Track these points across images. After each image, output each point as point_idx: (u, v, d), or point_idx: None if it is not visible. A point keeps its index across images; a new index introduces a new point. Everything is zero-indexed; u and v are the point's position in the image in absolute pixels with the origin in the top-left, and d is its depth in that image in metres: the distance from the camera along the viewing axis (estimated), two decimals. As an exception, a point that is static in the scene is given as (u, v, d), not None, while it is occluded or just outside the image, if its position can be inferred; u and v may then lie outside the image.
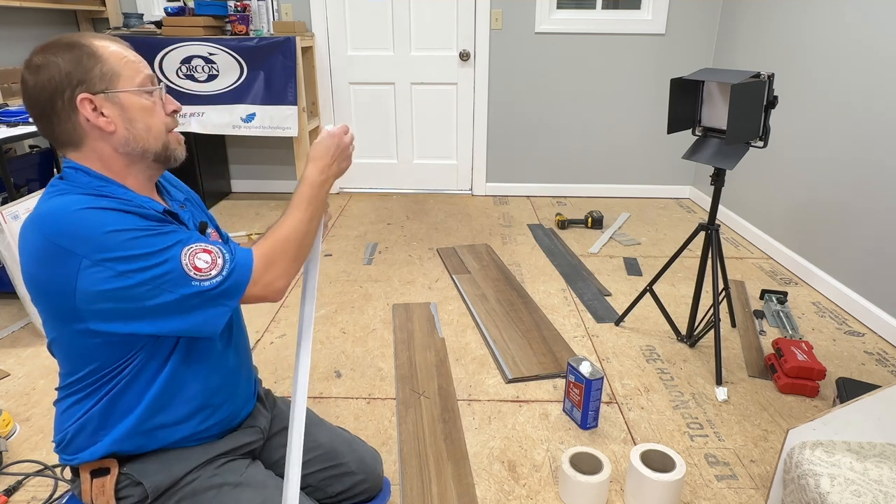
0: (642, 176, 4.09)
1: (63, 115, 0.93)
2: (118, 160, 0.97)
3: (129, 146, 0.97)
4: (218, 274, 0.91)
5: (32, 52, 0.96)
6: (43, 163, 3.18)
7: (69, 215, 0.87)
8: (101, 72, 0.94)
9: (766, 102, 1.82)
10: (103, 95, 0.94)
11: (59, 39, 0.95)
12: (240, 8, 3.47)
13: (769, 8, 3.15)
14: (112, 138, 0.95)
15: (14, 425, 1.74)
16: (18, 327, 2.32)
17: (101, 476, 1.00)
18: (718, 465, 1.64)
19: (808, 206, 2.80)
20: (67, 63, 0.92)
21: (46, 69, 0.92)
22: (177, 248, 0.90)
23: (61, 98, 0.92)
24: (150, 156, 0.99)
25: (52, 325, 0.96)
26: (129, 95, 0.96)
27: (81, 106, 0.92)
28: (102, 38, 0.97)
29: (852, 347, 2.24)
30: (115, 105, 0.95)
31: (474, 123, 4.00)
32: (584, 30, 3.75)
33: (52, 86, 0.92)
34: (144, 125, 0.98)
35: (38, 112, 0.95)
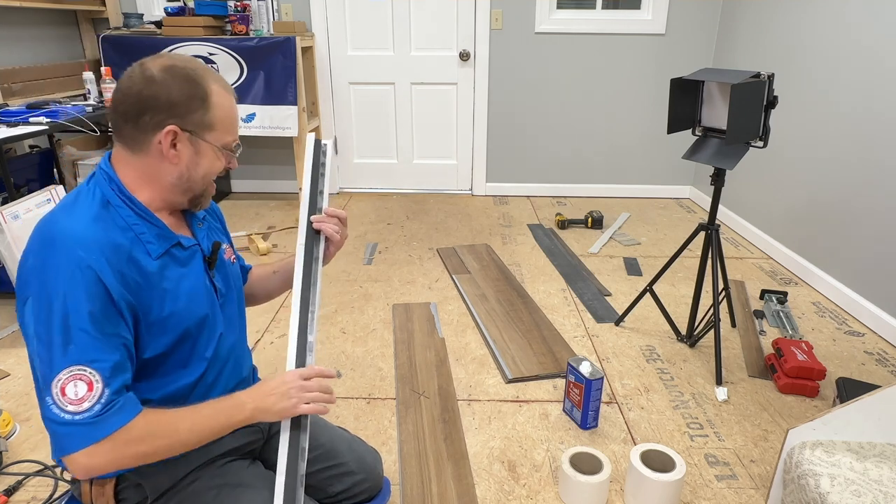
0: (642, 176, 4.09)
1: (143, 126, 0.94)
2: (158, 182, 0.98)
3: (178, 182, 0.98)
4: (77, 412, 0.85)
5: (158, 59, 0.95)
6: (43, 163, 3.18)
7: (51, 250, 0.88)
8: (202, 118, 0.96)
9: (766, 102, 1.82)
10: (189, 135, 0.95)
11: (186, 66, 0.95)
12: (240, 8, 3.47)
13: (769, 8, 3.15)
14: (168, 168, 0.97)
15: (14, 425, 1.74)
16: (18, 327, 2.32)
17: (100, 478, 1.00)
18: (718, 465, 1.64)
19: (808, 206, 2.80)
20: (178, 93, 0.93)
21: (157, 86, 0.92)
22: (63, 362, 0.85)
23: (152, 116, 0.93)
24: (188, 195, 1.01)
25: None
26: (209, 146, 0.98)
27: (165, 132, 0.93)
28: (221, 86, 0.98)
29: (852, 347, 2.24)
30: (192, 147, 0.97)
31: (474, 123, 4.00)
32: (584, 30, 3.75)
33: (152, 102, 0.92)
34: (203, 173, 1.00)
35: (123, 109, 0.94)
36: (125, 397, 0.89)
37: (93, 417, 0.85)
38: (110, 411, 0.86)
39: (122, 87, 0.95)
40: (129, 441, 0.88)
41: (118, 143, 0.98)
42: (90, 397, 0.85)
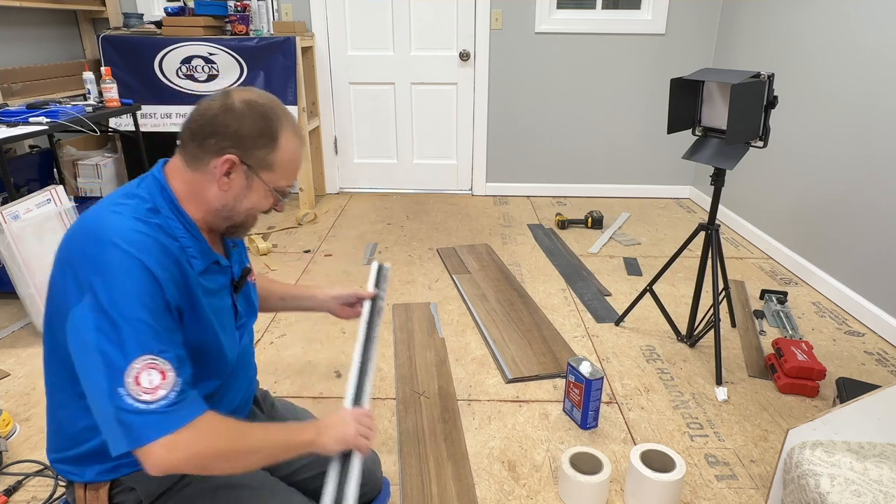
0: (642, 176, 4.09)
1: (205, 147, 0.96)
2: (204, 201, 0.99)
3: (220, 208, 1.00)
4: (153, 401, 0.84)
5: (244, 91, 0.99)
6: (43, 163, 3.19)
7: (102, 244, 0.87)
8: (264, 156, 0.97)
9: (766, 102, 1.82)
10: (245, 168, 0.97)
11: (266, 104, 0.98)
12: (240, 8, 3.47)
13: (769, 8, 3.15)
14: (216, 193, 0.98)
15: (14, 425, 1.74)
16: (18, 327, 2.32)
17: (94, 482, 1.00)
18: (718, 465, 1.64)
19: (808, 205, 2.80)
20: (250, 127, 0.95)
21: (232, 116, 0.95)
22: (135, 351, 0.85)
23: (218, 141, 0.95)
24: (227, 223, 1.03)
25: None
26: (261, 184, 0.99)
27: (223, 159, 0.95)
28: (293, 131, 1.00)
29: (852, 347, 2.24)
30: (245, 180, 0.98)
31: (474, 123, 4.00)
32: (584, 30, 3.75)
33: (222, 129, 0.95)
34: (248, 206, 1.01)
35: (195, 127, 0.97)
36: (194, 391, 0.90)
37: (168, 406, 0.84)
38: (185, 401, 0.86)
39: (201, 106, 0.99)
40: (208, 433, 0.87)
41: (179, 155, 1.00)
42: (164, 385, 0.85)
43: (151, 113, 3.42)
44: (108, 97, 2.89)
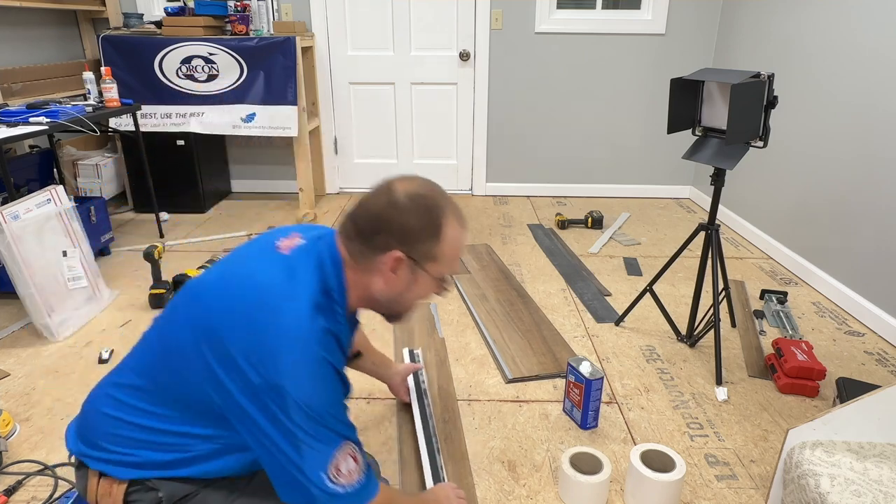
0: (642, 176, 4.09)
1: (372, 244, 0.98)
2: (367, 292, 1.01)
3: (384, 301, 1.02)
4: (349, 484, 0.95)
5: (406, 182, 0.99)
6: (43, 163, 3.19)
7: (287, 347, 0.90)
8: (429, 250, 0.98)
9: (766, 102, 1.82)
10: (411, 262, 0.99)
11: (429, 195, 0.98)
12: (240, 8, 3.47)
13: (769, 8, 3.15)
14: (381, 287, 1.00)
15: (14, 425, 1.74)
16: (18, 327, 2.32)
17: (111, 476, 1.00)
18: (718, 465, 1.64)
19: (808, 205, 2.80)
20: (414, 223, 0.96)
21: (396, 212, 0.96)
22: (334, 443, 0.94)
23: (385, 237, 0.97)
24: (387, 311, 1.05)
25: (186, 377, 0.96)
26: (427, 276, 1.01)
27: (390, 257, 0.97)
28: (456, 219, 1.00)
29: (852, 347, 2.24)
30: (411, 274, 1.00)
31: (474, 123, 4.00)
32: (584, 30, 3.75)
33: (387, 226, 0.96)
34: (412, 298, 1.04)
35: (360, 225, 0.98)
36: (369, 467, 1.00)
37: (361, 485, 0.97)
38: (370, 480, 1.00)
39: (366, 202, 0.99)
40: (382, 502, 1.02)
41: (344, 245, 1.01)
42: (357, 470, 0.96)
43: (151, 113, 3.42)
44: (108, 97, 2.89)
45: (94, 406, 1.04)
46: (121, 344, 2.21)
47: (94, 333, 2.29)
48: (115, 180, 3.64)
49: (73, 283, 2.34)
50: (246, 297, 0.93)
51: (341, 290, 0.99)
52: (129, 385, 1.02)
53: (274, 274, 0.95)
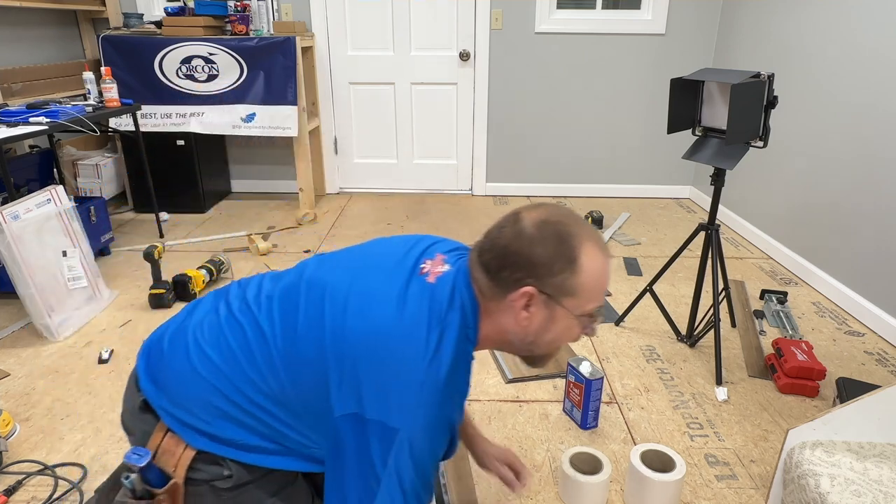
0: (642, 176, 4.09)
1: (500, 280, 0.89)
2: (500, 332, 0.93)
3: (518, 342, 0.93)
4: None
5: (534, 210, 0.90)
6: (43, 163, 3.19)
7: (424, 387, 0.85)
8: (563, 282, 0.87)
9: (766, 102, 1.82)
10: (545, 298, 0.88)
11: (560, 222, 0.88)
12: (240, 8, 3.47)
13: (769, 8, 3.15)
14: (515, 327, 0.91)
15: (14, 425, 1.74)
16: (18, 327, 2.32)
17: (177, 432, 0.95)
18: (718, 465, 1.64)
19: (808, 206, 2.80)
20: (544, 253, 0.86)
21: (524, 242, 0.87)
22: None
23: (512, 272, 0.88)
24: (523, 353, 0.97)
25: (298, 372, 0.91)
26: (565, 313, 0.90)
27: (521, 293, 0.88)
28: (595, 247, 0.89)
29: (852, 347, 2.24)
30: (546, 312, 0.90)
31: (474, 123, 4.00)
32: (584, 30, 3.75)
33: (514, 258, 0.87)
34: (551, 339, 0.93)
35: (487, 259, 0.89)
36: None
37: None
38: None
39: (491, 234, 0.91)
40: None
41: (475, 279, 0.92)
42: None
43: (151, 113, 3.42)
44: (108, 97, 2.89)
45: (189, 361, 0.97)
46: (121, 344, 2.21)
47: (94, 333, 2.29)
48: (115, 180, 3.64)
49: (73, 283, 2.34)
50: (390, 332, 0.87)
51: (476, 333, 0.91)
52: (231, 354, 0.95)
53: (420, 316, 0.88)
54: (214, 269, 2.67)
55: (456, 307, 0.90)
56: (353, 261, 1.01)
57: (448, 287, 0.92)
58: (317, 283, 0.97)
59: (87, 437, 1.72)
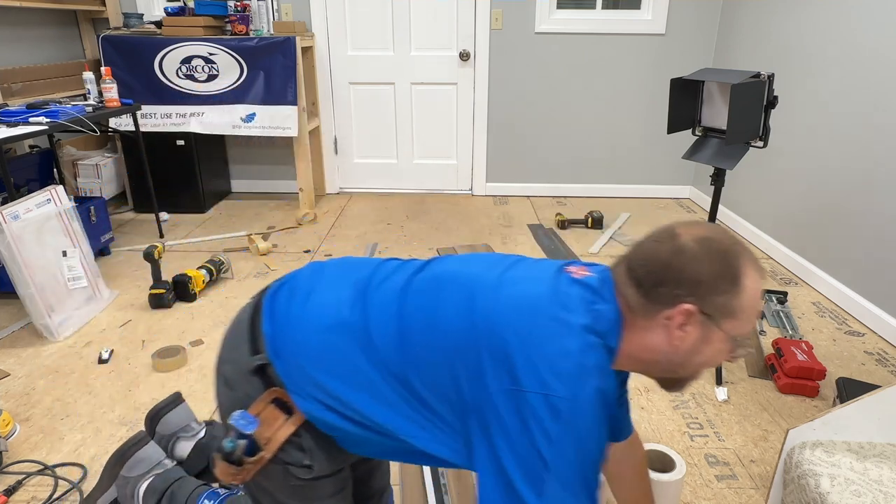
0: (642, 176, 4.09)
1: (655, 296, 0.85)
2: (643, 349, 0.88)
3: (663, 363, 0.89)
4: None
5: (693, 228, 0.87)
6: (43, 163, 3.19)
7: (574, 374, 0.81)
8: (726, 303, 0.83)
9: (766, 102, 1.82)
10: (703, 318, 0.84)
11: (723, 241, 0.85)
12: (240, 8, 3.47)
13: (769, 8, 3.15)
14: (663, 347, 0.87)
15: (14, 425, 1.74)
16: (18, 327, 2.32)
17: (280, 408, 0.93)
18: (718, 465, 1.64)
19: (808, 206, 2.80)
20: (708, 271, 0.83)
21: (686, 259, 0.83)
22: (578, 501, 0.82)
23: (671, 289, 0.84)
24: (663, 375, 0.94)
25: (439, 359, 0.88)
26: (721, 335, 0.86)
27: (679, 311, 0.83)
28: (755, 269, 0.85)
29: (852, 347, 2.24)
30: (701, 332, 0.85)
31: (474, 123, 4.00)
32: (584, 30, 3.75)
33: (674, 275, 0.84)
34: (701, 362, 0.89)
35: (643, 273, 0.86)
36: None
37: None
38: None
39: (646, 248, 0.87)
40: None
41: (622, 294, 0.88)
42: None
43: (151, 113, 3.42)
44: (108, 97, 2.89)
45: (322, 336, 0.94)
46: (121, 344, 2.21)
47: (94, 333, 2.29)
48: (115, 180, 3.64)
49: (73, 283, 2.34)
50: (544, 304, 0.85)
51: (618, 343, 0.87)
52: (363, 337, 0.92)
53: (571, 299, 0.87)
54: (214, 269, 2.67)
55: (603, 307, 0.87)
56: (490, 259, 0.99)
57: (595, 287, 0.89)
58: (462, 277, 0.94)
59: (87, 437, 1.72)
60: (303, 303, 0.98)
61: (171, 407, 1.54)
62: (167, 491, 1.29)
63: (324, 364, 0.92)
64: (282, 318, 0.97)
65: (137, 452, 1.33)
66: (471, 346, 0.86)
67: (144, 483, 1.32)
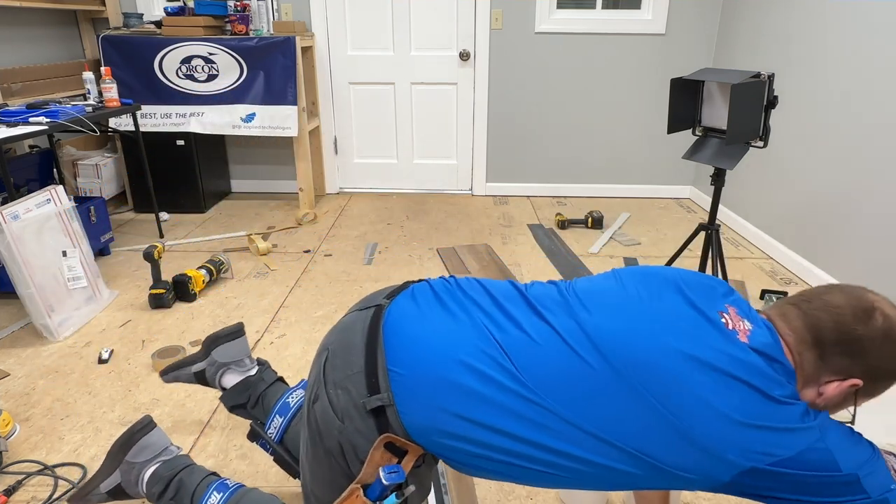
0: (642, 176, 4.09)
1: (832, 362, 0.87)
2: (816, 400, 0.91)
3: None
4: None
5: (890, 310, 0.88)
6: (43, 163, 3.19)
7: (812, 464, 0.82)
8: (879, 389, 0.89)
9: (766, 102, 1.82)
10: (853, 392, 0.89)
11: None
12: (240, 8, 3.47)
13: (769, 8, 3.15)
14: (810, 400, 0.90)
15: (14, 425, 1.74)
16: (18, 327, 2.32)
17: (392, 453, 0.92)
18: (718, 465, 1.64)
19: (808, 206, 2.80)
20: (891, 365, 0.87)
21: (878, 344, 0.85)
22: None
23: (853, 364, 0.87)
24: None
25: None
26: (845, 405, 0.91)
27: (849, 382, 0.87)
28: None
29: (852, 347, 2.23)
30: (844, 399, 0.90)
31: (474, 123, 4.00)
32: (584, 30, 3.75)
33: (867, 356, 0.86)
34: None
35: (835, 336, 0.86)
36: None
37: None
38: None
39: (843, 315, 0.87)
40: None
41: (800, 352, 0.89)
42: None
43: (151, 113, 3.42)
44: (107, 97, 2.89)
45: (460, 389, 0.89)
46: (121, 344, 2.21)
47: (93, 333, 2.29)
48: (114, 180, 3.64)
49: (73, 283, 2.34)
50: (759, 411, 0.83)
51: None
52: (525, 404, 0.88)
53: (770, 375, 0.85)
54: (214, 269, 2.67)
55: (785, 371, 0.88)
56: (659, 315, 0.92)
57: (769, 350, 0.88)
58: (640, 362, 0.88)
59: (86, 437, 1.72)
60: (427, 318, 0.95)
61: (232, 337, 1.51)
62: (174, 479, 1.28)
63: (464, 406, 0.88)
64: (406, 344, 0.93)
65: (143, 438, 1.32)
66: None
67: (149, 469, 1.31)
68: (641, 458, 0.85)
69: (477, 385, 0.88)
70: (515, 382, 0.88)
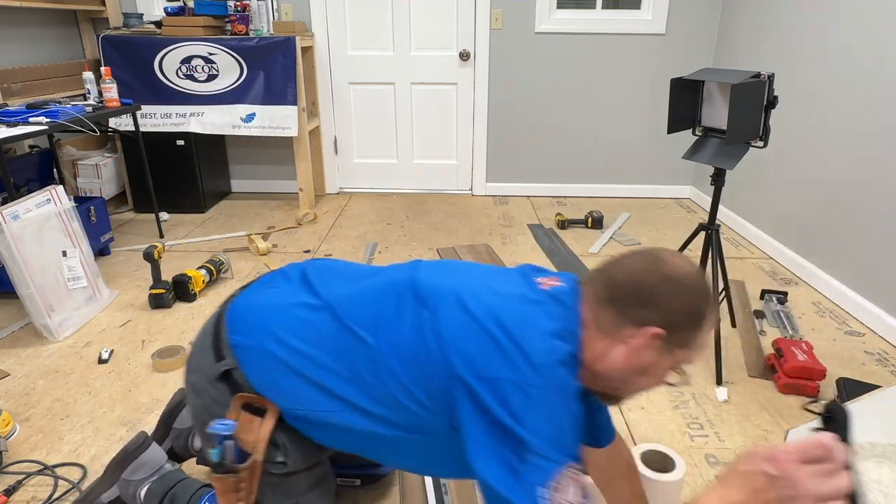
0: (642, 176, 4.09)
1: (626, 315, 0.90)
2: (597, 362, 0.93)
3: (613, 375, 0.93)
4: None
5: (677, 258, 0.92)
6: (43, 163, 3.19)
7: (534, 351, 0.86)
8: (687, 337, 0.90)
9: (766, 102, 1.82)
10: (663, 345, 0.90)
11: (704, 285, 0.92)
12: (240, 8, 3.47)
13: (769, 8, 3.15)
14: (618, 362, 0.92)
15: (14, 425, 1.74)
16: (18, 327, 2.32)
17: (252, 412, 1.00)
18: (719, 466, 1.64)
19: (809, 206, 2.80)
20: (686, 307, 0.89)
21: (672, 290, 0.89)
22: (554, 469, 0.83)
23: (647, 313, 0.89)
24: (608, 391, 0.98)
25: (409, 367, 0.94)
26: (669, 363, 0.93)
27: (643, 332, 0.89)
28: (714, 316, 0.93)
29: (852, 347, 2.24)
30: (655, 357, 0.91)
31: (474, 123, 4.00)
32: (584, 30, 3.75)
33: (658, 301, 0.89)
34: (645, 383, 0.96)
35: (625, 289, 0.91)
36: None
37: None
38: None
39: (630, 268, 0.93)
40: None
41: (592, 305, 0.94)
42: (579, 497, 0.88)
43: (151, 113, 3.42)
44: (107, 97, 2.89)
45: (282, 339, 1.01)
46: (121, 344, 2.21)
47: (93, 333, 2.29)
48: (114, 180, 3.64)
49: (73, 283, 2.34)
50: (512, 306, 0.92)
51: (579, 351, 0.92)
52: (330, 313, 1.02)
53: (538, 315, 0.91)
54: (214, 269, 2.67)
55: (560, 309, 0.93)
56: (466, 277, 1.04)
57: (564, 298, 0.95)
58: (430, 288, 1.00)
59: (86, 437, 1.72)
60: (259, 293, 1.12)
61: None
62: (168, 493, 1.30)
63: (287, 332, 1.01)
64: (242, 313, 1.08)
65: (139, 457, 1.33)
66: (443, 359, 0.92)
67: (145, 487, 1.33)
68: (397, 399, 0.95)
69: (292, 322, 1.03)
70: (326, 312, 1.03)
